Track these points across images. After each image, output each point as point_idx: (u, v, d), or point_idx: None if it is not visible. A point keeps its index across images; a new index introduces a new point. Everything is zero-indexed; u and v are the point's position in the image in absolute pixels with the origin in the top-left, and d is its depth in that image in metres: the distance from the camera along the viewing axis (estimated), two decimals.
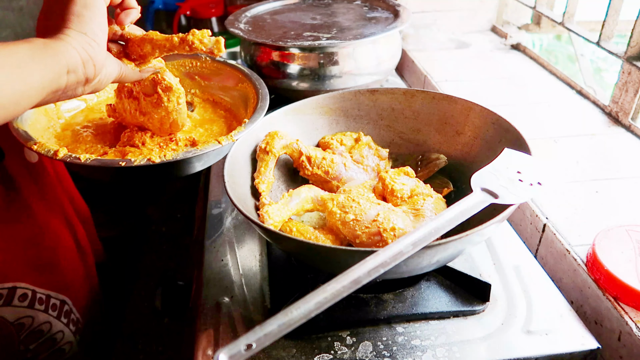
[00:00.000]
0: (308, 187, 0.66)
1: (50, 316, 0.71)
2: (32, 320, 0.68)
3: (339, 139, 0.75)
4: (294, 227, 0.61)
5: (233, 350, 0.37)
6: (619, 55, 0.96)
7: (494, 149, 0.66)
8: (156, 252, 1.30)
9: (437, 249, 0.48)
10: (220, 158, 0.70)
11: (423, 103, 0.76)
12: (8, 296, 0.65)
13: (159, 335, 0.99)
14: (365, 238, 0.56)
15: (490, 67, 1.23)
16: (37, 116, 0.69)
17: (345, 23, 1.05)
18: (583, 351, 0.55)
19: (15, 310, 0.66)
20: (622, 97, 0.95)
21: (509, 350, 0.55)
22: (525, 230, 0.78)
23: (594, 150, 0.88)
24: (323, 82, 0.98)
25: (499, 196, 0.52)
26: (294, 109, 0.76)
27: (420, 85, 1.23)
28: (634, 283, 0.57)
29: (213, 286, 0.65)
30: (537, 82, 1.15)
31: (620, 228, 0.65)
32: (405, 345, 0.56)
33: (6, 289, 0.65)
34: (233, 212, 0.79)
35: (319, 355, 0.55)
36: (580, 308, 0.65)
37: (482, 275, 0.61)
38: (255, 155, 0.70)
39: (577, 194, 0.77)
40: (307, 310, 0.40)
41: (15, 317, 0.66)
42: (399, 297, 0.61)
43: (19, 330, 0.67)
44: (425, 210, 0.60)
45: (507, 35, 1.35)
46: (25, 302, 0.67)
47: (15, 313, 0.66)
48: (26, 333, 0.68)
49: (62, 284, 0.73)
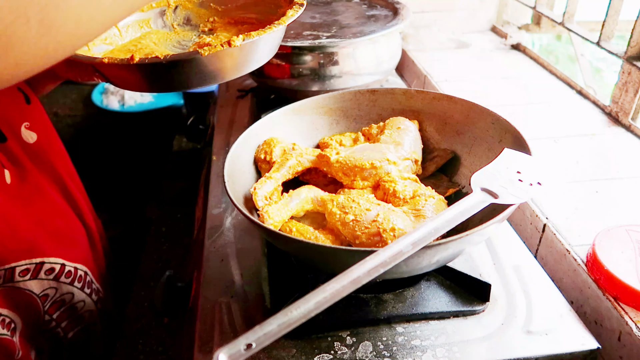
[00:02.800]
0: (308, 187, 0.66)
1: (74, 287, 0.73)
2: (56, 291, 0.71)
3: (338, 139, 0.75)
4: (294, 227, 0.61)
5: (233, 350, 0.37)
6: (619, 55, 0.96)
7: (494, 149, 0.66)
8: (156, 252, 1.30)
9: (437, 249, 0.48)
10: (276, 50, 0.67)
11: (423, 103, 0.76)
12: (35, 270, 0.67)
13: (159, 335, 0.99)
14: (365, 238, 0.56)
15: (490, 67, 1.23)
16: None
17: (344, 21, 1.05)
18: (583, 351, 0.55)
19: (41, 282, 0.68)
20: (622, 97, 0.95)
21: (509, 350, 0.55)
22: (525, 230, 0.78)
23: (593, 150, 0.88)
24: (323, 82, 0.98)
25: (499, 196, 0.52)
26: (293, 109, 0.76)
27: (420, 85, 1.23)
28: (634, 283, 0.57)
29: (213, 286, 0.65)
30: (537, 82, 1.15)
31: (620, 228, 0.65)
32: (405, 345, 0.56)
33: (34, 264, 0.66)
34: (233, 212, 0.79)
35: (319, 355, 0.55)
36: (580, 308, 0.65)
37: (482, 275, 0.61)
38: (255, 158, 0.70)
39: (577, 194, 0.77)
40: (307, 310, 0.40)
41: (40, 289, 0.68)
42: (399, 297, 0.61)
43: (44, 301, 0.69)
44: (427, 211, 0.59)
45: (507, 35, 1.35)
46: (51, 275, 0.69)
47: (41, 285, 0.68)
48: (50, 303, 0.70)
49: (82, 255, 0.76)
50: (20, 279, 0.65)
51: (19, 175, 0.67)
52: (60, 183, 0.75)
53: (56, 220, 0.72)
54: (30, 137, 0.70)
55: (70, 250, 0.73)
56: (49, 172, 0.73)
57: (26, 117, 0.70)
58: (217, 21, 0.80)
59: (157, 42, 0.73)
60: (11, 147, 0.67)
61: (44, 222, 0.69)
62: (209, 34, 0.76)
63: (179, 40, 0.77)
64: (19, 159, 0.68)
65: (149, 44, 0.72)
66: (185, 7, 0.77)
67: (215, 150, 0.98)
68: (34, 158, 0.70)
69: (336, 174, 0.67)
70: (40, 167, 0.71)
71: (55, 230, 0.71)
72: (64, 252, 0.71)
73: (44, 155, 0.72)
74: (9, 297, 0.65)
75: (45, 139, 0.73)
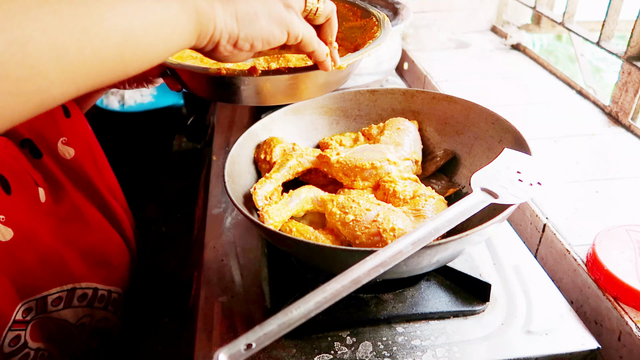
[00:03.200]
0: (308, 187, 0.66)
1: (108, 312, 0.71)
2: (91, 319, 0.68)
3: (338, 139, 0.75)
4: (294, 227, 0.61)
5: (233, 350, 0.37)
6: (619, 55, 0.96)
7: (494, 149, 0.66)
8: (156, 252, 1.30)
9: (437, 249, 0.48)
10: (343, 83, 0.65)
11: (423, 103, 0.76)
12: (67, 298, 0.64)
13: (159, 335, 0.99)
14: (365, 238, 0.56)
15: (490, 67, 1.23)
16: None
17: None
18: (583, 351, 0.55)
19: (75, 310, 0.66)
20: (622, 97, 0.95)
21: (509, 350, 0.55)
22: (525, 230, 0.78)
23: (593, 150, 0.88)
24: None
25: (499, 196, 0.52)
26: (293, 109, 0.76)
27: (420, 85, 1.23)
28: (634, 283, 0.57)
29: (213, 286, 0.65)
30: (537, 82, 1.15)
31: (620, 228, 0.65)
32: (405, 345, 0.56)
33: (65, 291, 0.64)
34: (233, 212, 0.79)
35: (319, 355, 0.55)
36: (580, 308, 0.65)
37: (482, 275, 0.61)
38: (256, 158, 0.70)
39: (577, 194, 0.77)
40: (307, 310, 0.40)
41: (76, 318, 0.66)
42: (399, 297, 0.61)
43: (81, 331, 0.67)
44: (427, 211, 0.59)
45: (507, 35, 1.35)
46: (84, 302, 0.66)
47: (75, 314, 0.66)
48: (87, 332, 0.68)
49: (116, 278, 0.73)
50: (53, 309, 0.63)
51: (54, 193, 0.65)
52: (100, 199, 0.72)
53: (92, 240, 0.69)
54: (68, 152, 0.68)
55: (105, 272, 0.70)
56: (86, 188, 0.70)
57: (64, 132, 0.68)
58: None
59: None
60: (46, 164, 0.64)
61: (77, 243, 0.66)
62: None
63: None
64: (55, 176, 0.65)
65: None
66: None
67: (215, 150, 0.98)
68: (71, 175, 0.68)
69: (336, 175, 0.67)
70: (77, 184, 0.69)
71: (90, 251, 0.68)
72: (98, 274, 0.68)
73: (81, 172, 0.69)
74: (45, 329, 0.62)
75: (84, 154, 0.71)
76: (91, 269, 0.68)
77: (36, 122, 0.65)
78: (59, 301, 0.63)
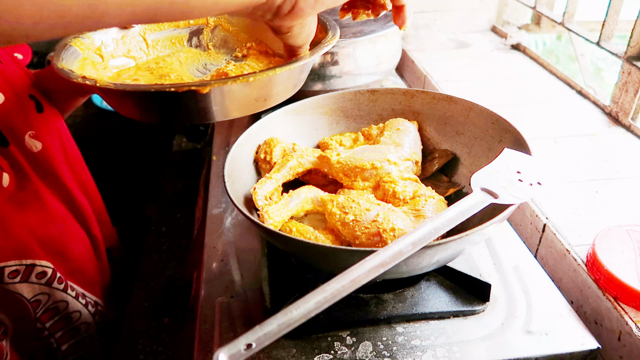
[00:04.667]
0: (308, 187, 0.66)
1: (68, 295, 0.72)
2: (48, 298, 0.69)
3: (338, 139, 0.75)
4: (294, 227, 0.61)
5: (233, 350, 0.37)
6: (619, 55, 0.96)
7: (494, 149, 0.66)
8: (156, 252, 1.30)
9: (437, 249, 0.48)
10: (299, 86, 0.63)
11: (423, 103, 0.76)
12: (25, 273, 0.66)
13: (159, 335, 0.99)
14: (365, 239, 0.56)
15: (490, 67, 1.23)
16: (83, 65, 0.65)
17: (344, 21, 1.05)
18: (583, 351, 0.55)
19: (32, 286, 0.67)
20: (622, 97, 0.95)
21: (509, 350, 0.55)
22: (525, 230, 0.78)
23: (593, 150, 0.88)
24: (323, 82, 0.98)
25: (499, 196, 0.52)
26: (293, 110, 0.76)
27: (420, 85, 1.23)
28: (634, 283, 0.57)
29: (213, 286, 0.65)
30: (537, 82, 1.15)
31: (620, 228, 0.65)
32: (405, 345, 0.56)
33: (24, 266, 0.65)
34: (233, 212, 0.79)
35: (319, 355, 0.55)
36: (580, 308, 0.65)
37: (482, 275, 0.61)
38: (255, 158, 0.70)
39: (577, 194, 0.77)
40: (307, 310, 0.40)
41: (32, 294, 0.67)
42: (399, 297, 0.61)
43: (36, 307, 0.68)
44: (427, 212, 0.60)
45: (507, 35, 1.35)
46: (42, 280, 0.68)
47: (32, 289, 0.67)
48: (42, 310, 0.69)
49: (74, 270, 0.74)
50: (9, 281, 0.64)
51: (18, 180, 0.67)
52: (65, 193, 0.74)
53: (52, 231, 0.70)
54: (34, 145, 0.70)
55: (65, 263, 0.71)
56: (51, 181, 0.72)
57: (33, 126, 0.70)
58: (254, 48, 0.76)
59: (184, 61, 0.70)
60: (13, 153, 0.66)
61: (37, 229, 0.68)
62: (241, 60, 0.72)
63: (206, 63, 0.73)
64: (20, 165, 0.67)
65: (172, 63, 0.69)
66: (225, 29, 0.74)
67: (215, 150, 0.98)
68: (36, 166, 0.70)
69: (337, 175, 0.67)
70: (42, 176, 0.70)
71: (49, 238, 0.69)
72: (57, 261, 0.70)
73: (47, 165, 0.71)
74: (0, 299, 0.64)
75: (54, 149, 0.72)
76: (49, 256, 0.69)
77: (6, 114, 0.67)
78: (16, 274, 0.65)
